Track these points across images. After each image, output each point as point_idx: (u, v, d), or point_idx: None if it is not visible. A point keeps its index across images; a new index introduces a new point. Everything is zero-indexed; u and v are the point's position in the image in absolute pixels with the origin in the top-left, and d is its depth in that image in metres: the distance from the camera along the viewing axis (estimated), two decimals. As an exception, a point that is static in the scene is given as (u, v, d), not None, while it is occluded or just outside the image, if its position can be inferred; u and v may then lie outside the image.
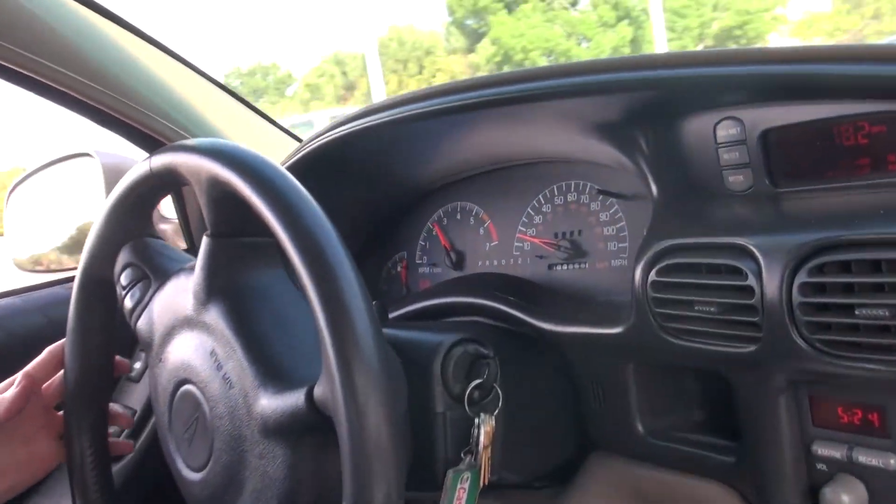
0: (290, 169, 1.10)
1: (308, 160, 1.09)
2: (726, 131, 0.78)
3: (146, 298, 0.81)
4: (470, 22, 20.97)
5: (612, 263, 1.00)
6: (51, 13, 1.04)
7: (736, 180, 0.79)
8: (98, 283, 0.84)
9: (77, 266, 0.87)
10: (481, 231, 1.16)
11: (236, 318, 0.71)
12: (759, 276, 0.67)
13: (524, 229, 1.10)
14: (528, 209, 1.10)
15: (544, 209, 1.08)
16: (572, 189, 1.05)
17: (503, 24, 19.09)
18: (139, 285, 0.82)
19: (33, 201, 1.34)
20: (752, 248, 0.68)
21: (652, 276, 0.76)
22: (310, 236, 0.60)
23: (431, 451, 0.81)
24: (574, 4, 20.10)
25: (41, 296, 1.19)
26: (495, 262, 1.14)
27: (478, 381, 0.82)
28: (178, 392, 0.76)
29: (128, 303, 0.83)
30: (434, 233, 1.22)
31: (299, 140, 1.41)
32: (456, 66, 20.94)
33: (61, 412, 0.87)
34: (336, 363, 0.57)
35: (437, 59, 21.65)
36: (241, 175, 0.64)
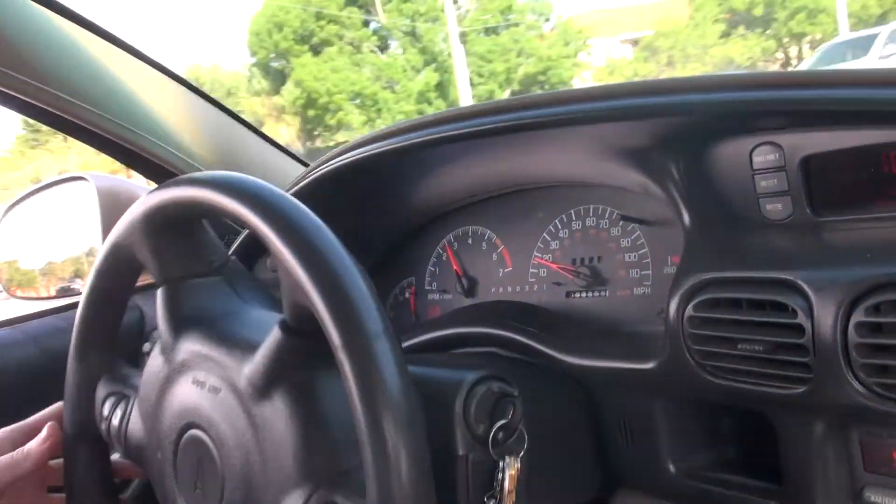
0: (295, 195, 1.06)
1: (314, 185, 1.05)
2: (763, 157, 0.75)
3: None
4: (275, 64, 21.44)
5: (635, 292, 0.96)
6: (48, 36, 1.01)
7: (774, 209, 0.75)
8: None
9: (72, 291, 0.85)
10: (494, 256, 1.13)
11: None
12: (809, 313, 0.64)
13: (540, 255, 1.07)
14: (545, 234, 1.06)
15: (561, 234, 1.05)
16: (591, 214, 1.01)
17: (307, 66, 19.73)
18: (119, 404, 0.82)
19: (27, 225, 1.30)
20: (801, 283, 0.65)
21: (689, 310, 0.73)
22: (330, 275, 0.58)
23: (453, 498, 0.77)
24: (383, 49, 20.66)
25: (34, 326, 1.15)
26: (509, 289, 1.10)
27: (503, 422, 0.78)
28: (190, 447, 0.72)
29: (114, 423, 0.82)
30: (445, 258, 1.19)
31: (306, 164, 1.38)
32: (259, 108, 21.34)
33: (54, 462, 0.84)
34: (362, 411, 0.55)
35: (241, 100, 22.15)
36: (265, 217, 0.61)
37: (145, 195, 0.74)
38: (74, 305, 0.89)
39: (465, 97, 18.42)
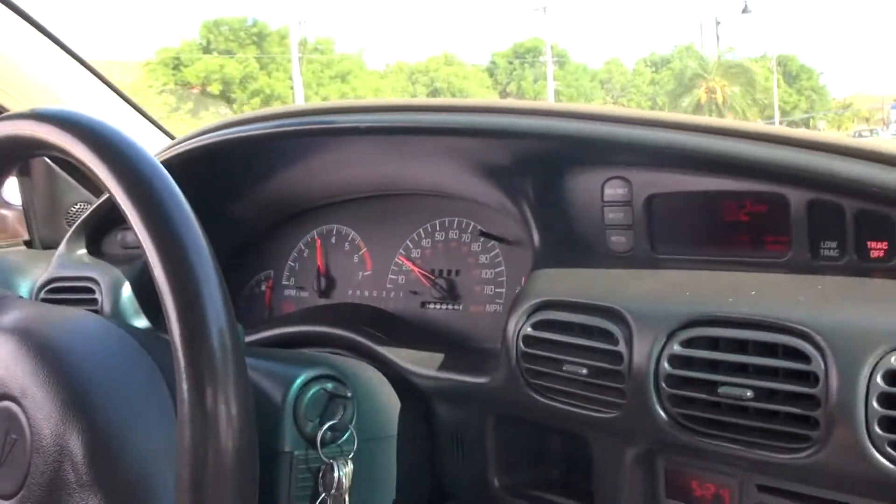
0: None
1: (176, 160, 1.05)
2: (614, 190, 0.80)
3: None
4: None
5: (487, 308, 1.01)
6: None
7: (618, 241, 0.81)
8: None
9: None
10: (356, 258, 1.15)
11: None
12: (629, 342, 0.69)
13: (400, 262, 1.10)
14: (408, 241, 1.09)
15: (423, 243, 1.08)
16: (454, 226, 1.05)
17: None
18: None
19: None
20: (625, 313, 0.70)
21: (526, 328, 0.77)
22: (170, 232, 0.58)
23: (274, 494, 0.78)
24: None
25: None
26: (367, 293, 1.12)
27: (332, 422, 0.80)
28: None
29: None
30: (307, 254, 1.20)
31: (172, 137, 1.37)
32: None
33: None
34: (186, 373, 0.55)
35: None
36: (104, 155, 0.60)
37: None
38: None
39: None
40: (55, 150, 0.64)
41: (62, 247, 1.22)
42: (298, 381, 0.79)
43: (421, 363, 0.91)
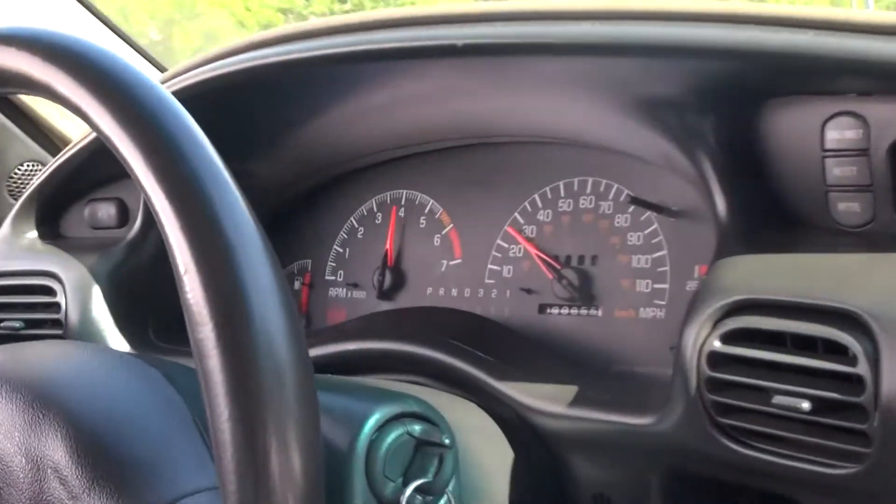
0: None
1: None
2: (840, 133, 0.82)
3: None
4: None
5: (642, 313, 1.04)
6: None
7: (848, 209, 0.83)
8: None
9: None
10: (437, 240, 1.19)
11: None
12: (874, 361, 0.71)
13: (506, 244, 1.14)
14: (517, 214, 1.13)
15: (540, 217, 1.12)
16: (590, 190, 1.09)
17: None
18: None
19: None
20: (866, 318, 0.72)
21: (713, 342, 0.79)
22: (204, 201, 0.60)
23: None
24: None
25: None
26: (454, 293, 1.17)
27: (422, 482, 0.83)
28: None
29: None
30: (360, 234, 1.24)
31: (162, 70, 1.42)
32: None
33: None
34: (230, 410, 0.58)
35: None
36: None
37: None
38: None
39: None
40: (23, 83, 0.67)
41: (5, 227, 1.29)
42: (372, 422, 0.82)
43: (545, 397, 0.95)
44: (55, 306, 1.21)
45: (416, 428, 0.84)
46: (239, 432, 0.59)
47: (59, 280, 1.21)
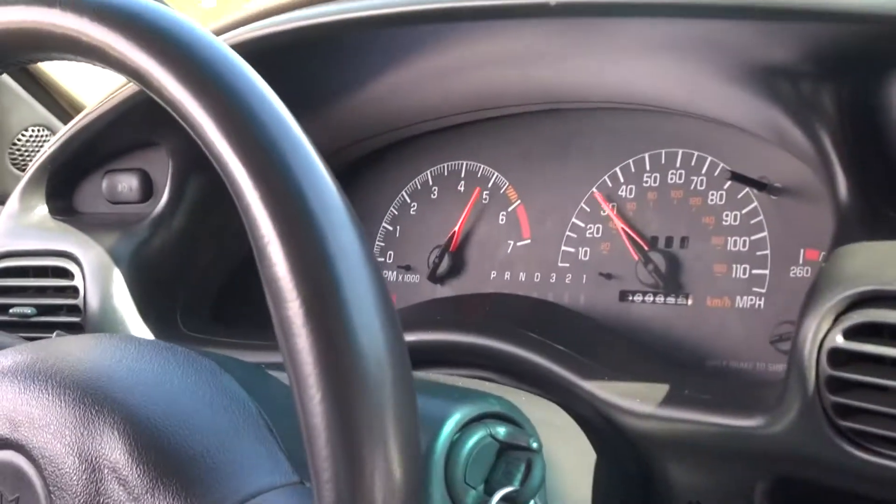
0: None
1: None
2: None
3: None
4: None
5: (738, 303, 1.06)
6: None
7: None
8: None
9: None
10: (502, 218, 1.22)
11: None
12: None
13: (582, 223, 1.16)
14: (595, 189, 1.15)
15: (622, 193, 1.14)
16: (678, 163, 1.11)
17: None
18: None
19: None
20: None
21: (834, 338, 0.81)
22: (286, 169, 0.62)
23: None
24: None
25: None
26: (522, 277, 1.19)
27: (508, 490, 0.85)
28: None
29: None
30: (413, 210, 1.27)
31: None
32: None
33: None
34: (324, 415, 0.60)
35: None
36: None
37: None
38: None
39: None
40: (70, 47, 0.69)
41: (12, 202, 1.31)
42: (452, 423, 0.84)
43: (634, 395, 0.96)
44: (72, 290, 1.23)
45: (500, 430, 0.86)
46: (333, 415, 0.61)
47: (77, 261, 1.23)
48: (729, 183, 1.07)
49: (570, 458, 0.95)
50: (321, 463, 0.58)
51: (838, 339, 0.81)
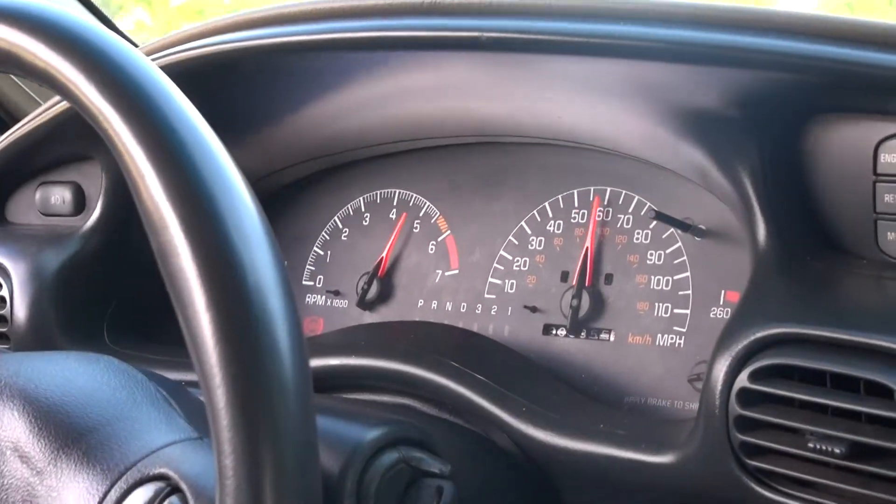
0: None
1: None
2: (894, 157, 0.87)
3: None
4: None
5: (659, 341, 1.07)
6: None
7: (896, 240, 0.87)
8: None
9: None
10: (431, 247, 1.22)
11: None
12: None
13: (510, 256, 1.17)
14: (523, 223, 1.16)
15: (550, 228, 1.15)
16: (606, 201, 1.12)
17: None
18: None
19: None
20: (917, 360, 0.76)
21: (742, 379, 0.82)
22: (200, 184, 0.62)
23: None
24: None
25: None
26: (448, 307, 1.20)
27: None
28: None
29: None
30: (344, 236, 1.28)
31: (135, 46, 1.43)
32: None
33: None
34: (231, 439, 0.60)
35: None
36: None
37: None
38: None
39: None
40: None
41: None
42: (365, 448, 0.83)
43: (549, 428, 0.97)
44: None
45: (413, 455, 0.85)
46: (240, 471, 0.61)
47: (6, 272, 1.23)
48: (654, 223, 1.08)
49: (483, 486, 0.95)
50: (219, 412, 0.59)
51: (746, 381, 0.82)
